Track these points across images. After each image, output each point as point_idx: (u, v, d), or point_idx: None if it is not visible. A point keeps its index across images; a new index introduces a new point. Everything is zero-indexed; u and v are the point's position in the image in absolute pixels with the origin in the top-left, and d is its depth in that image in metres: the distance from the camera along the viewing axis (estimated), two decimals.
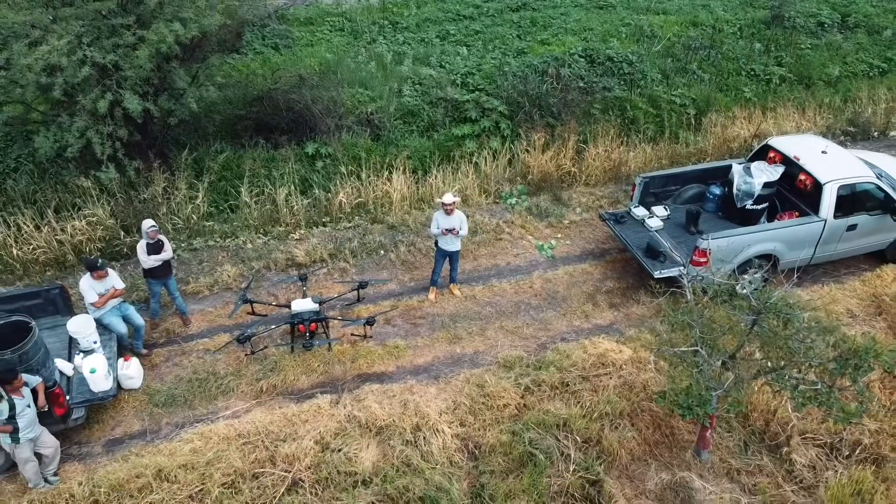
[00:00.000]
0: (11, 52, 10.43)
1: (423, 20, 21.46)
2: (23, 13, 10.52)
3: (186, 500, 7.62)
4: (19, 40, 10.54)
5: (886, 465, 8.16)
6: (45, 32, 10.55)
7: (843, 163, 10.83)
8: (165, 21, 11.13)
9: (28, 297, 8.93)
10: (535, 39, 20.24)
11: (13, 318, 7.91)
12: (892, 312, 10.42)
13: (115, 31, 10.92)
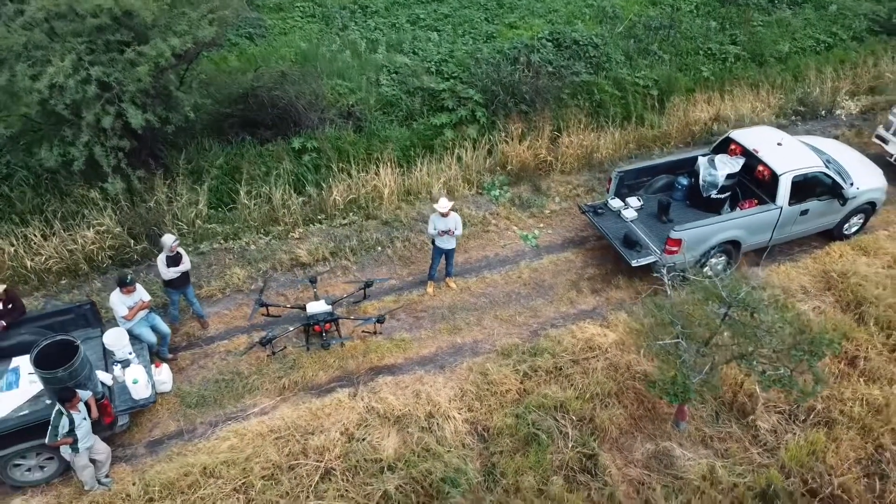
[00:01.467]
0: (14, 73, 10.75)
1: (392, 3, 21.79)
2: (19, 33, 10.78)
3: (232, 493, 8.52)
4: (20, 61, 10.85)
5: (836, 427, 9.51)
6: (46, 52, 10.88)
7: (796, 154, 12.00)
8: (161, 35, 11.55)
9: (61, 313, 9.56)
10: (503, 23, 20.85)
11: (58, 337, 8.56)
12: (840, 288, 11.75)
13: (112, 47, 11.32)
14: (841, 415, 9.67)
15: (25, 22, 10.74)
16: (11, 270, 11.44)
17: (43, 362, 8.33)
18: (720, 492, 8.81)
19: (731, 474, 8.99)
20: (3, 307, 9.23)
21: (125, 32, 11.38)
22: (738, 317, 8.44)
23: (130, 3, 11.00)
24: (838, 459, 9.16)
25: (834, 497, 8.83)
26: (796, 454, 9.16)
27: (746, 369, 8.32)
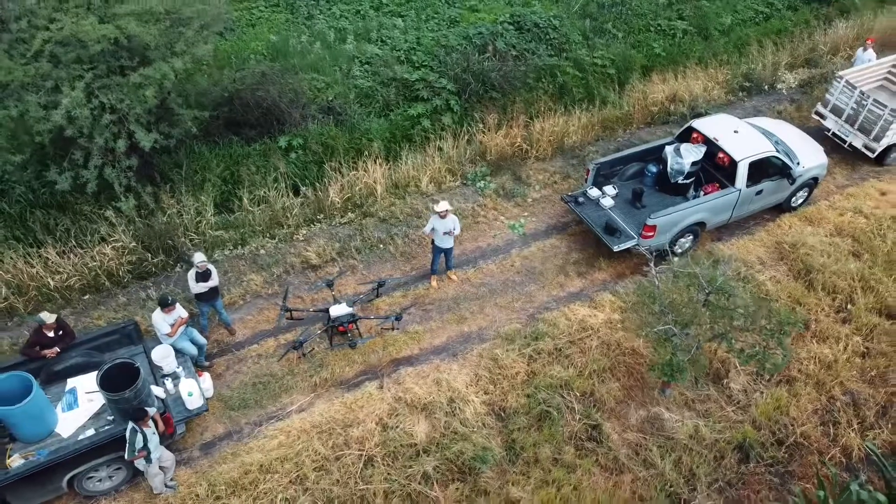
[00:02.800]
0: (26, 105, 11.16)
1: None
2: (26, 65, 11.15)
3: (289, 486, 9.64)
4: (29, 92, 11.26)
5: (796, 384, 11.19)
6: (54, 81, 11.30)
7: (751, 141, 13.44)
8: (162, 56, 12.07)
9: (107, 335, 10.32)
10: (465, 6, 21.54)
11: (118, 360, 9.39)
12: (791, 258, 13.40)
13: (115, 71, 11.80)
14: (799, 373, 11.36)
15: (34, 53, 11.08)
16: (35, 291, 12.01)
17: (105, 383, 9.18)
18: (704, 447, 10.40)
19: (712, 432, 10.59)
20: (55, 334, 9.93)
21: (127, 56, 11.84)
22: (715, 301, 9.89)
23: (133, 30, 11.47)
24: (799, 412, 10.86)
25: (797, 444, 10.54)
26: (765, 410, 10.81)
27: (726, 348, 9.81)
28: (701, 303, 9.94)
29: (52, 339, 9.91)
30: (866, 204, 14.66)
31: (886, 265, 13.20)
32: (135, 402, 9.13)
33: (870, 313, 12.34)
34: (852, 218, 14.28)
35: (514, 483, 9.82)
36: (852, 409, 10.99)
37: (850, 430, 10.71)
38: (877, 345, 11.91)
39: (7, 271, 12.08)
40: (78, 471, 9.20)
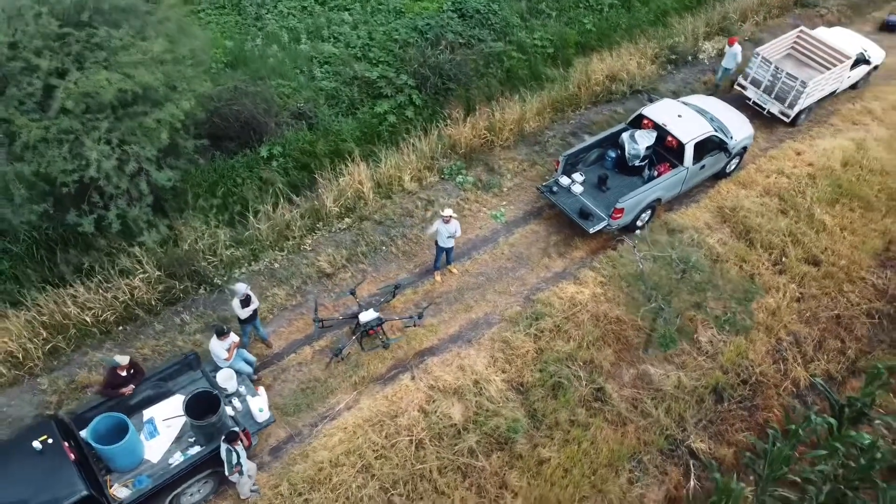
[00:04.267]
0: (51, 160, 11.83)
1: None
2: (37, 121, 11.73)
3: (357, 475, 11.29)
4: (52, 147, 11.90)
5: (749, 333, 13.58)
6: (76, 135, 11.98)
7: (693, 123, 15.52)
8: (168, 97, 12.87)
9: (174, 366, 11.48)
10: None
11: (198, 390, 10.65)
12: (732, 221, 15.75)
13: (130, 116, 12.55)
14: (747, 318, 13.76)
15: (57, 110, 11.68)
16: (74, 328, 12.87)
17: (187, 411, 10.48)
18: (687, 394, 12.72)
19: (690, 380, 12.90)
20: (128, 373, 11.01)
21: (137, 100, 12.57)
22: (690, 277, 12.02)
23: (146, 82, 12.22)
24: (755, 355, 13.32)
25: (758, 382, 13.01)
26: (729, 357, 13.20)
27: (703, 316, 12.02)
28: (678, 278, 12.05)
29: (126, 377, 10.99)
30: (786, 164, 17.17)
31: (808, 219, 15.77)
32: (217, 425, 10.48)
33: (800, 263, 14.90)
34: (776, 179, 16.76)
35: (542, 445, 11.83)
36: (796, 347, 13.56)
37: (797, 365, 13.28)
38: (808, 290, 14.50)
39: (43, 313, 12.85)
40: (178, 491, 10.51)
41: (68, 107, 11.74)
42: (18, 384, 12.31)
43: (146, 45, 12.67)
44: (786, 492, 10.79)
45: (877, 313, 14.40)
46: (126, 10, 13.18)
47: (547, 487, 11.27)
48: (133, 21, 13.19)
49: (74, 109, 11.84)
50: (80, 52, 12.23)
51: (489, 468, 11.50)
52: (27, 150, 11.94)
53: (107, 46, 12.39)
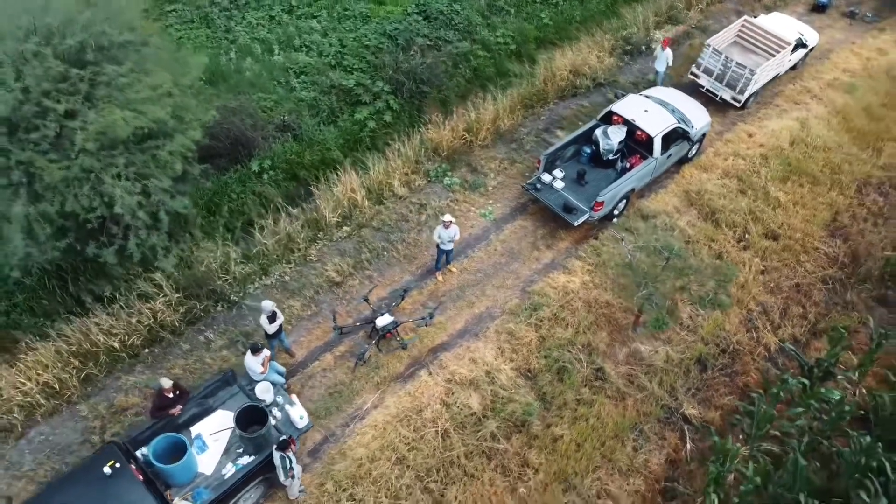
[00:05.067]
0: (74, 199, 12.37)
1: None
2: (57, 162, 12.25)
3: (393, 467, 12.41)
4: (73, 186, 12.44)
5: (724, 307, 15.15)
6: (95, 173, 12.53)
7: (659, 117, 16.91)
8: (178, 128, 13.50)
9: (214, 384, 12.31)
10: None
11: (246, 404, 11.56)
12: (698, 203, 17.28)
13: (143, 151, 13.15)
14: (727, 297, 15.36)
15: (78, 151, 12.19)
16: (104, 355, 13.52)
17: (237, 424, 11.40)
18: (675, 366, 14.23)
19: (676, 353, 14.41)
20: (174, 395, 11.81)
21: (154, 135, 13.18)
22: (674, 264, 13.46)
23: (158, 117, 12.83)
24: (731, 326, 14.91)
25: (735, 350, 14.61)
26: (708, 330, 14.76)
27: (687, 297, 13.49)
28: (663, 265, 13.47)
29: (173, 399, 11.79)
30: (741, 147, 18.80)
31: (764, 197, 17.44)
32: (266, 436, 11.45)
33: (761, 239, 16.55)
34: (733, 161, 18.37)
35: (555, 424, 13.18)
36: (764, 316, 15.22)
37: (766, 332, 14.94)
38: (770, 263, 16.17)
39: (70, 342, 13.45)
40: (236, 498, 11.46)
41: (88, 147, 12.27)
42: (58, 413, 12.94)
43: (152, 80, 13.22)
44: (770, 445, 12.42)
45: (830, 279, 16.19)
46: (123, 45, 13.64)
47: (563, 461, 12.63)
48: (132, 55, 13.68)
49: (92, 149, 12.38)
50: (88, 91, 12.71)
51: (511, 449, 12.79)
52: (48, 190, 12.44)
53: (113, 84, 12.89)
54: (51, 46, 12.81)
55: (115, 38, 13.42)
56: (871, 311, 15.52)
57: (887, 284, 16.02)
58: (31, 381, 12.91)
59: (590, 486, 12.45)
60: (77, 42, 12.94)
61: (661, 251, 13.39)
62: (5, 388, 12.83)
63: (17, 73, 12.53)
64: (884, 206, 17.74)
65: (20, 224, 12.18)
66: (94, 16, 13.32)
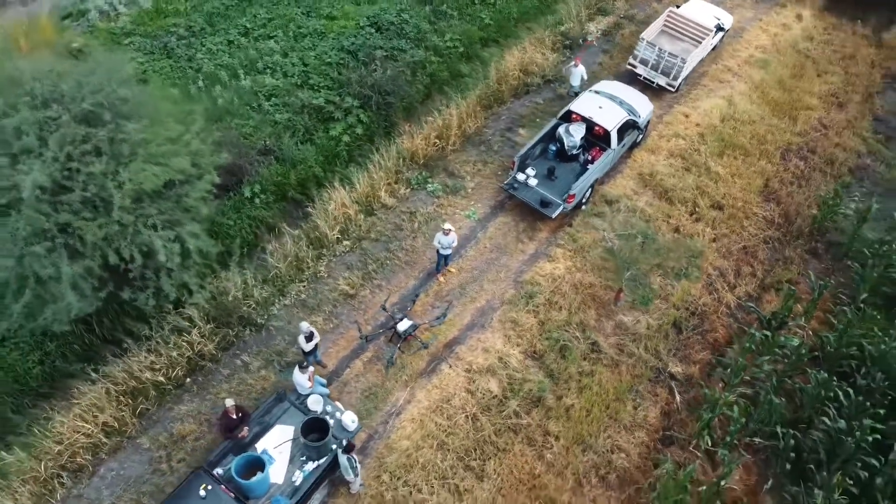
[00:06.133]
0: (115, 252, 13.41)
1: (209, 16, 23.65)
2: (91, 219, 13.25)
3: (436, 452, 14.22)
4: (114, 241, 13.47)
5: (692, 278, 17.52)
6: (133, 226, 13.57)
7: (612, 112, 19.00)
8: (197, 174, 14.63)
9: (269, 402, 13.75)
10: (321, 15, 24.22)
11: (310, 416, 13.09)
12: (652, 184, 19.58)
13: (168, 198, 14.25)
14: (696, 269, 17.71)
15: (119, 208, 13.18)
16: (154, 391, 14.68)
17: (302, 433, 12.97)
18: (656, 332, 16.53)
19: (655, 321, 16.72)
20: (237, 416, 13.19)
21: (178, 184, 14.26)
22: (648, 246, 15.67)
23: (182, 167, 13.95)
24: (696, 291, 17.33)
25: (703, 311, 17.04)
26: (678, 296, 17.11)
27: (663, 274, 15.75)
28: (640, 248, 15.67)
29: (237, 420, 13.18)
30: (680, 128, 21.19)
31: (707, 172, 19.91)
32: (328, 444, 13.05)
33: (710, 210, 19.02)
34: (676, 142, 20.74)
35: (565, 396, 15.27)
36: (722, 279, 17.70)
37: (725, 292, 17.44)
38: (720, 230, 18.67)
39: (117, 382, 14.55)
40: (310, 501, 13.05)
41: (125, 205, 13.28)
42: (122, 449, 14.09)
43: (168, 133, 14.26)
44: (744, 389, 14.93)
45: (770, 239, 18.84)
46: (127, 99, 14.53)
47: (578, 426, 14.77)
48: (143, 110, 14.62)
49: (128, 204, 13.40)
50: (113, 149, 13.65)
51: (532, 422, 14.81)
52: (89, 247, 13.40)
53: (133, 140, 13.86)
54: (68, 112, 13.65)
55: (125, 95, 14.32)
56: (806, 263, 18.27)
57: (816, 239, 18.80)
58: (89, 422, 13.96)
59: (603, 444, 14.65)
60: (91, 104, 13.78)
61: (636, 237, 15.57)
62: (67, 432, 13.84)
63: (40, 140, 13.35)
64: (805, 169, 20.54)
65: (69, 282, 13.12)
66: (100, 77, 14.18)
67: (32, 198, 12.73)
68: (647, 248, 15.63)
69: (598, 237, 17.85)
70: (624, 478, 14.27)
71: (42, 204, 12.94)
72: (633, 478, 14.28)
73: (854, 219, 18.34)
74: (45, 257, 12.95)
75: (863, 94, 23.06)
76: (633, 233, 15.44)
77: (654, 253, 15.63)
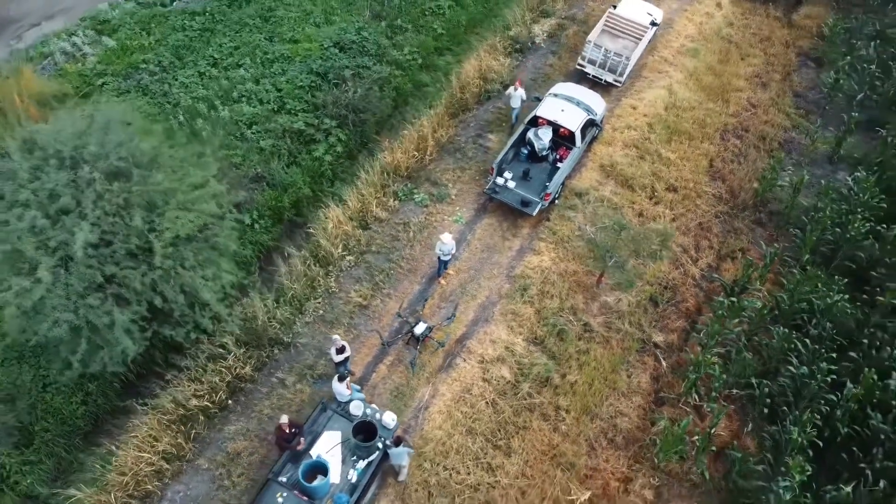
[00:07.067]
0: (162, 298, 14.67)
1: (175, 48, 24.49)
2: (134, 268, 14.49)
3: (467, 437, 16.13)
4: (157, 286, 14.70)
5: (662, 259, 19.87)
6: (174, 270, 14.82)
7: (574, 113, 21.07)
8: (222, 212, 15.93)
9: (315, 413, 15.33)
10: (284, 39, 25.35)
11: (358, 420, 14.77)
12: (613, 174, 21.82)
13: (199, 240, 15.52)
14: (668, 251, 20.04)
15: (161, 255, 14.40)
16: (202, 415, 16.01)
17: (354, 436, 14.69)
18: (636, 307, 18.82)
19: (634, 298, 19.01)
20: (290, 430, 14.73)
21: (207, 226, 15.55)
22: (624, 236, 17.88)
23: (211, 211, 15.23)
24: (665, 268, 19.70)
25: (673, 285, 19.43)
26: (652, 273, 19.45)
27: (641, 261, 18.02)
28: (617, 237, 17.87)
29: (292, 433, 14.74)
30: (630, 119, 23.47)
31: (659, 158, 22.29)
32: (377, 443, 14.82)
33: (666, 193, 21.42)
34: (628, 133, 23.02)
35: (568, 374, 17.41)
36: (685, 254, 20.15)
37: (690, 265, 19.90)
38: (677, 210, 21.10)
39: (167, 412, 15.85)
40: (368, 494, 14.80)
41: (166, 252, 14.51)
42: (183, 472, 15.43)
43: (194, 179, 15.48)
44: (718, 349, 17.41)
45: (720, 214, 21.38)
46: (146, 153, 15.66)
47: (583, 399, 16.94)
48: (159, 159, 15.77)
49: (168, 252, 14.63)
50: (144, 202, 14.82)
51: (544, 400, 16.90)
52: (135, 294, 14.59)
53: (162, 190, 15.04)
54: (96, 170, 14.70)
55: (143, 149, 15.45)
56: (753, 232, 20.93)
57: (759, 210, 21.48)
58: (148, 451, 15.24)
59: (607, 411, 16.89)
60: (117, 160, 14.87)
61: (614, 227, 17.76)
62: (129, 463, 15.09)
63: (76, 200, 14.40)
64: (742, 147, 23.20)
65: (123, 328, 14.32)
66: (122, 135, 15.26)
67: (83, 255, 13.81)
68: (623, 236, 17.84)
69: (574, 228, 20.00)
70: (628, 437, 16.56)
71: (91, 259, 14.04)
72: (636, 437, 16.58)
73: (790, 189, 21.05)
74: (99, 307, 14.09)
75: (782, 73, 25.91)
76: (611, 224, 17.62)
77: (630, 240, 17.88)
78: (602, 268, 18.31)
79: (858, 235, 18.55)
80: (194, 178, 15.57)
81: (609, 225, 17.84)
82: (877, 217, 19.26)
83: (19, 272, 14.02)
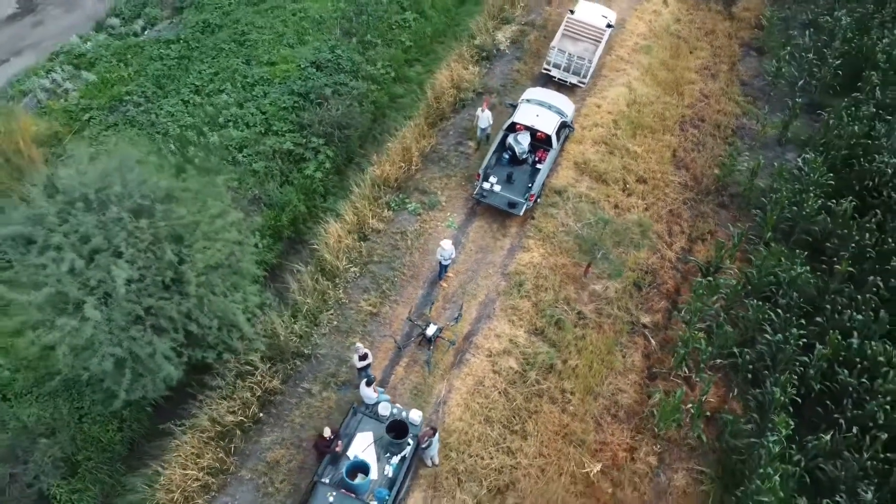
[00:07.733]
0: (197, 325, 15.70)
1: (155, 77, 25.17)
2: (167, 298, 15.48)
3: (485, 425, 17.60)
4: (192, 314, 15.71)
5: (642, 247, 21.66)
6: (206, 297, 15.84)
7: (548, 117, 22.65)
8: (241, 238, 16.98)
9: (347, 417, 16.57)
10: (261, 62, 26.22)
11: (389, 420, 16.10)
12: (587, 171, 23.52)
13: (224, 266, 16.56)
14: (648, 240, 21.83)
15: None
16: (238, 430, 17.08)
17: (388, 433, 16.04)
18: (622, 293, 20.59)
19: (619, 284, 20.77)
20: (332, 438, 15.96)
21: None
22: (610, 229, 19.58)
23: (236, 239, 16.26)
24: (644, 254, 21.51)
25: (653, 269, 21.26)
26: (632, 261, 21.24)
27: (623, 250, 19.75)
28: (601, 231, 19.56)
29: (331, 439, 15.98)
30: (596, 118, 25.20)
31: (627, 153, 24.09)
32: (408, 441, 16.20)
33: (637, 184, 23.23)
34: (596, 130, 24.74)
35: (569, 359, 19.06)
36: (660, 239, 22.01)
37: (666, 250, 21.77)
38: (649, 200, 22.93)
39: (205, 430, 16.89)
40: (404, 486, 16.16)
41: (199, 282, 15.51)
42: (228, 485, 16.51)
43: (213, 210, 16.46)
44: (701, 325, 19.30)
45: (688, 200, 23.31)
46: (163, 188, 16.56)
47: (585, 381, 18.62)
48: (176, 193, 16.69)
49: (200, 281, 15.62)
50: (171, 235, 15.77)
51: (551, 385, 18.51)
52: (171, 322, 15.57)
53: (186, 223, 16.00)
54: (121, 206, 15.57)
55: (164, 186, 16.36)
56: (718, 215, 22.93)
57: (721, 193, 23.51)
58: (192, 468, 16.28)
59: (607, 389, 18.61)
60: (141, 199, 15.76)
61: (598, 222, 19.44)
62: (176, 481, 16.10)
63: (107, 240, 15.27)
64: (700, 136, 25.19)
65: (165, 356, 15.30)
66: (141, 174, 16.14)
67: (123, 291, 14.72)
68: (607, 230, 19.53)
69: (558, 224, 21.63)
70: (629, 411, 18.33)
71: (130, 294, 14.96)
72: (636, 410, 18.36)
73: (747, 173, 23.11)
74: (141, 339, 15.04)
75: (728, 64, 28.04)
76: (595, 220, 19.30)
77: (613, 233, 19.59)
78: (590, 260, 19.96)
79: (812, 212, 20.67)
80: (213, 208, 16.52)
81: (593, 221, 19.51)
82: (826, 193, 21.44)
83: (62, 312, 14.82)
